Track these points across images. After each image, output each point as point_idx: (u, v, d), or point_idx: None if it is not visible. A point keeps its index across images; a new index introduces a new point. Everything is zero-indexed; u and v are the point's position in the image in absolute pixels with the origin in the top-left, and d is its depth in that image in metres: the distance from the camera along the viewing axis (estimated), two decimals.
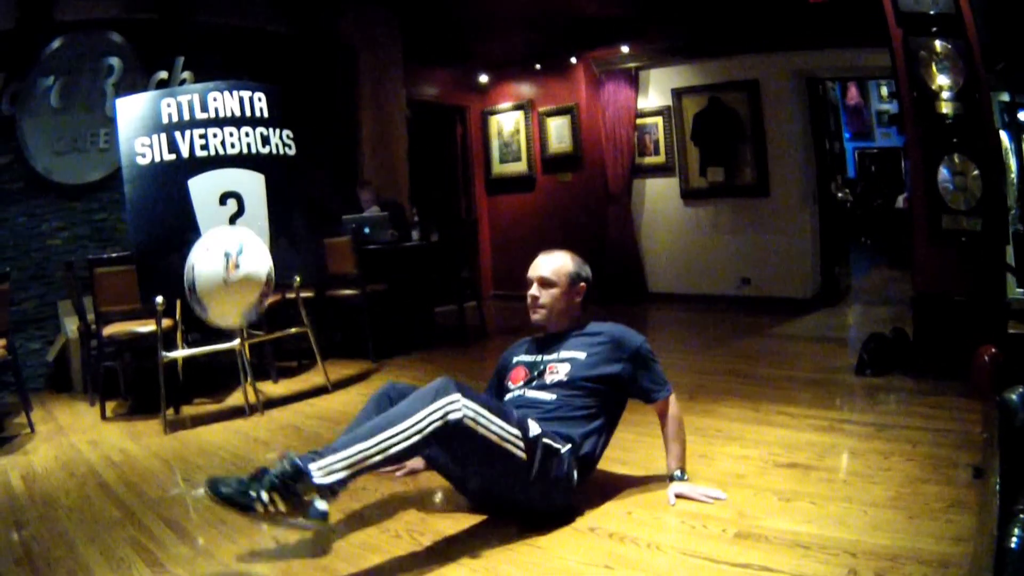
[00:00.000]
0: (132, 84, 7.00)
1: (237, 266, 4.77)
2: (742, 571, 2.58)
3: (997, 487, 2.23)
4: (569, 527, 3.06)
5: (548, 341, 3.59)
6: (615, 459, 3.71)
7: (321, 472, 2.62)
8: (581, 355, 3.43)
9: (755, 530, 2.86)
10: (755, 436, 4.03)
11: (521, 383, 3.48)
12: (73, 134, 6.84)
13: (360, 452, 2.69)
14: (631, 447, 3.77)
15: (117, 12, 6.96)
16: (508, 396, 3.47)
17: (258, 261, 4.94)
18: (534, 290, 3.55)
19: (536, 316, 3.56)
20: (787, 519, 2.94)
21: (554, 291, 3.51)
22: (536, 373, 3.47)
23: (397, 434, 2.74)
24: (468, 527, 3.15)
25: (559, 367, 3.44)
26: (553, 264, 3.55)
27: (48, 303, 6.78)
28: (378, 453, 2.71)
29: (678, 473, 3.37)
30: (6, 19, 6.35)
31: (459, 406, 2.82)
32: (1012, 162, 5.12)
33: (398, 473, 3.73)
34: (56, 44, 6.72)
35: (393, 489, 3.66)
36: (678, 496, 3.27)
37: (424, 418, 2.78)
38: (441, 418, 2.78)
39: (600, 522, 3.07)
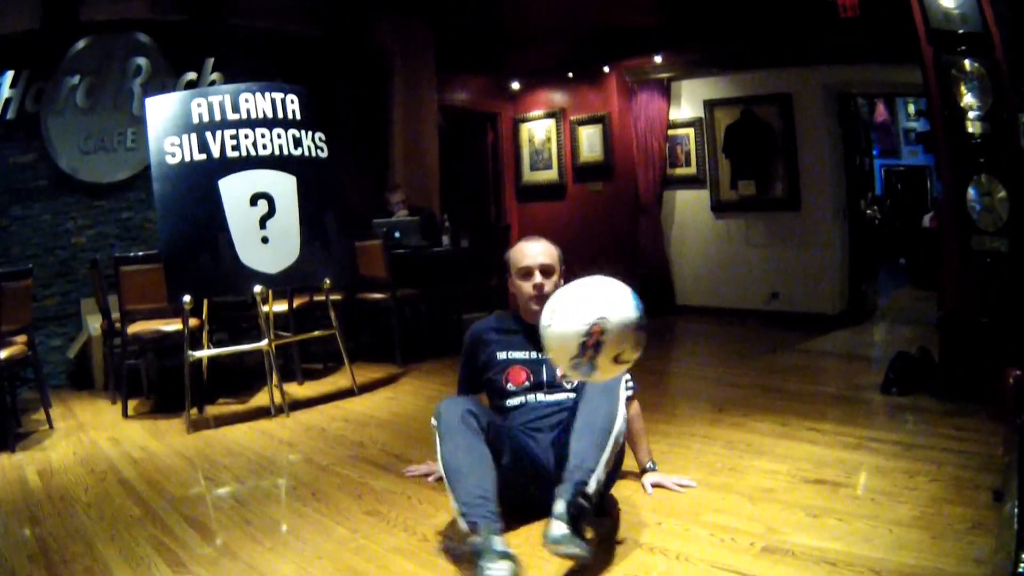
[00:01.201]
0: (161, 85, 7.05)
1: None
2: None
3: (1015, 511, 2.25)
4: (599, 536, 3.04)
5: (531, 334, 3.33)
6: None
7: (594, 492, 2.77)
8: None
9: (783, 545, 2.86)
10: (784, 451, 4.02)
11: (527, 385, 3.36)
12: (100, 133, 6.90)
13: (606, 460, 2.83)
14: (662, 458, 3.72)
15: (144, 13, 7.00)
16: (512, 400, 3.37)
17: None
18: (538, 278, 3.36)
19: (539, 307, 3.19)
20: (814, 535, 2.94)
21: (555, 278, 3.38)
22: (548, 376, 3.36)
23: (619, 426, 2.91)
24: None
25: None
26: (547, 249, 3.45)
27: (71, 301, 6.83)
28: (612, 452, 2.87)
29: (650, 464, 3.58)
30: (31, 19, 6.38)
31: (631, 383, 3.00)
32: None
33: (430, 479, 3.74)
34: (81, 44, 6.76)
35: (420, 492, 3.67)
36: (654, 485, 3.49)
37: (620, 400, 2.95)
38: (625, 395, 2.97)
39: (631, 532, 3.05)
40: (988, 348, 4.69)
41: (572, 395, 3.28)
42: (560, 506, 2.62)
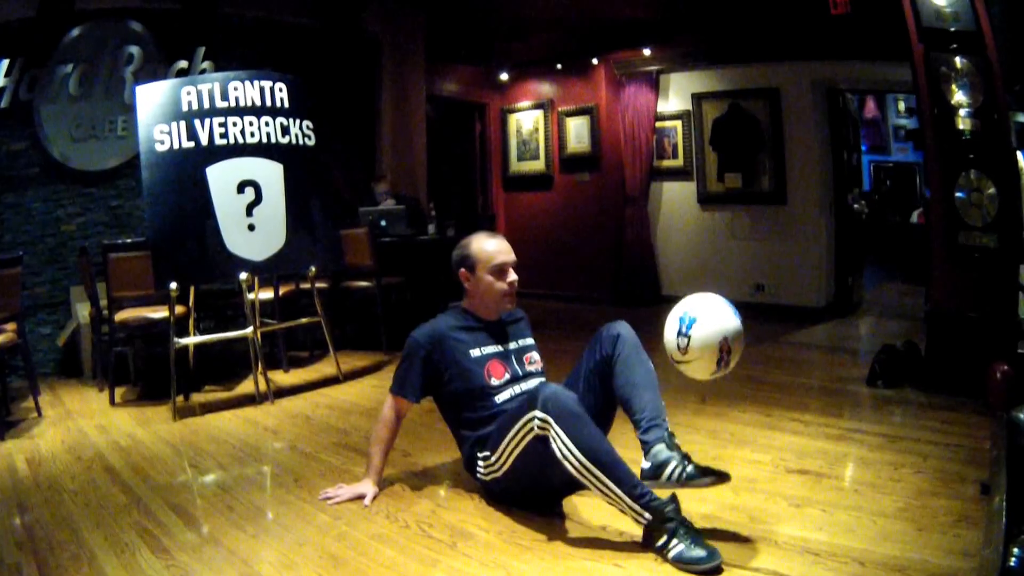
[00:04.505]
0: (152, 73, 7.00)
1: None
2: (752, 575, 2.60)
3: (1003, 505, 2.25)
4: (579, 524, 3.07)
5: (492, 329, 3.48)
6: (626, 459, 3.75)
7: None
8: (532, 340, 3.59)
9: (766, 535, 2.87)
10: (767, 441, 4.05)
11: (508, 378, 3.37)
12: (91, 121, 6.85)
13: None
14: (638, 446, 3.79)
15: (138, 1, 6.97)
16: (501, 395, 3.33)
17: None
18: (512, 275, 3.43)
19: (512, 304, 3.47)
20: (798, 525, 2.95)
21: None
22: (519, 367, 3.43)
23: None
24: (478, 520, 3.17)
25: (533, 355, 3.53)
26: (510, 245, 3.49)
27: (61, 288, 6.79)
28: None
29: None
30: (27, 7, 6.36)
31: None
32: None
33: (365, 501, 3.42)
34: (76, 32, 6.72)
35: (403, 480, 3.69)
36: None
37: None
38: None
39: (611, 520, 3.06)
40: (975, 342, 4.71)
41: (543, 379, 3.42)
42: (665, 449, 2.91)
